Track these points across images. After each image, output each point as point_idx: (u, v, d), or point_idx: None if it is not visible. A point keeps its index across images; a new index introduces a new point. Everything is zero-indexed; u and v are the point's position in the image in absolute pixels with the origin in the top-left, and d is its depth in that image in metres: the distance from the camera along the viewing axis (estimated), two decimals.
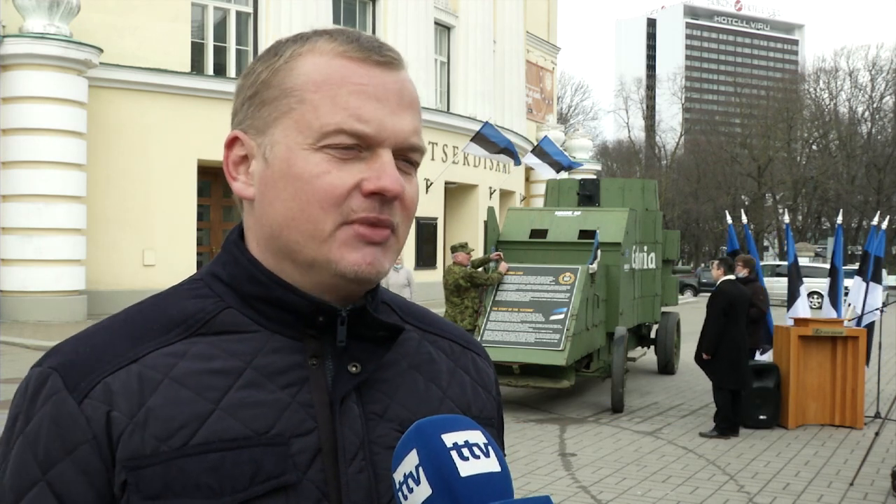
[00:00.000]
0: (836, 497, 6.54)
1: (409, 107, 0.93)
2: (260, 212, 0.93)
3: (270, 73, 0.92)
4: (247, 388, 0.88)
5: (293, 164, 0.89)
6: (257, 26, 21.26)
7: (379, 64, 0.91)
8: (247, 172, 0.94)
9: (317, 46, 0.92)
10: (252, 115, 0.93)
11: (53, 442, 0.85)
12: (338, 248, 0.89)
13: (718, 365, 8.52)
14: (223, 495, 0.84)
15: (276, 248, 0.93)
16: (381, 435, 0.92)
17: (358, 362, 0.93)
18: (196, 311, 0.92)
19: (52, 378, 0.87)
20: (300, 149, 0.89)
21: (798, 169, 61.08)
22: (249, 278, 0.94)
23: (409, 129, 0.91)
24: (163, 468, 0.84)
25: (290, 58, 0.92)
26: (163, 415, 0.85)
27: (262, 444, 0.86)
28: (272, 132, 0.91)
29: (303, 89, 0.90)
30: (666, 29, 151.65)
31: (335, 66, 0.90)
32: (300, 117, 0.89)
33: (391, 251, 0.93)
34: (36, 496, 0.85)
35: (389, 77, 0.92)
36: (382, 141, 0.89)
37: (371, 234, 0.90)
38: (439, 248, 25.87)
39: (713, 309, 8.61)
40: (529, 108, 33.86)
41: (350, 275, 0.90)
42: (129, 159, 18.46)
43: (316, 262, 0.90)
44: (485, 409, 1.04)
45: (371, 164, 0.89)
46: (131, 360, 0.88)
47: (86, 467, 0.84)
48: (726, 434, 8.48)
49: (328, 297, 0.93)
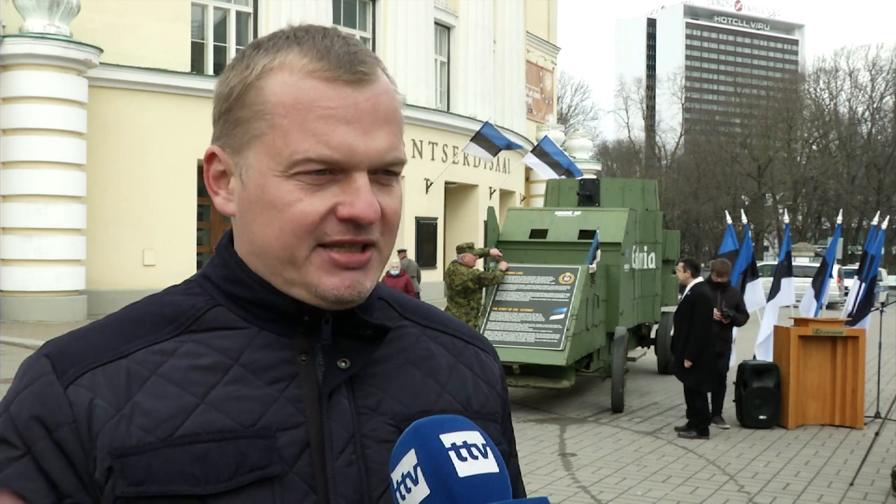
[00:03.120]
0: (836, 497, 6.54)
1: (385, 122, 0.90)
2: (241, 229, 0.95)
3: (243, 89, 0.91)
4: (234, 383, 0.90)
5: (266, 191, 0.89)
6: (257, 26, 21.27)
7: (350, 83, 0.89)
8: (227, 188, 0.95)
9: (287, 62, 0.89)
10: (228, 132, 0.93)
11: (35, 420, 0.87)
12: (315, 272, 0.90)
13: (698, 369, 8.51)
14: (207, 484, 0.85)
15: (259, 262, 0.94)
16: (374, 429, 0.92)
17: (347, 358, 0.94)
18: (187, 309, 0.94)
19: (42, 362, 0.90)
20: (272, 175, 0.89)
21: (798, 169, 61.09)
22: (237, 281, 0.95)
23: (383, 148, 0.90)
24: (148, 457, 0.85)
25: (262, 74, 0.90)
26: (149, 408, 0.87)
27: (247, 436, 0.88)
28: (246, 154, 0.91)
29: (273, 113, 0.89)
30: (666, 29, 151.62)
31: (304, 88, 0.88)
32: (271, 143, 0.89)
33: (373, 269, 0.93)
34: (22, 467, 0.86)
35: (361, 95, 0.89)
36: (355, 165, 0.88)
37: (346, 260, 0.90)
38: (439, 248, 25.88)
39: (699, 315, 8.48)
40: (529, 108, 33.86)
41: (330, 297, 0.91)
42: (129, 159, 18.46)
43: (295, 283, 0.91)
44: (487, 405, 1.04)
45: (345, 188, 0.89)
46: (121, 356, 0.90)
47: (64, 448, 0.86)
48: (705, 434, 8.49)
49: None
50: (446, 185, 26.22)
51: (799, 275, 16.41)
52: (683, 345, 8.56)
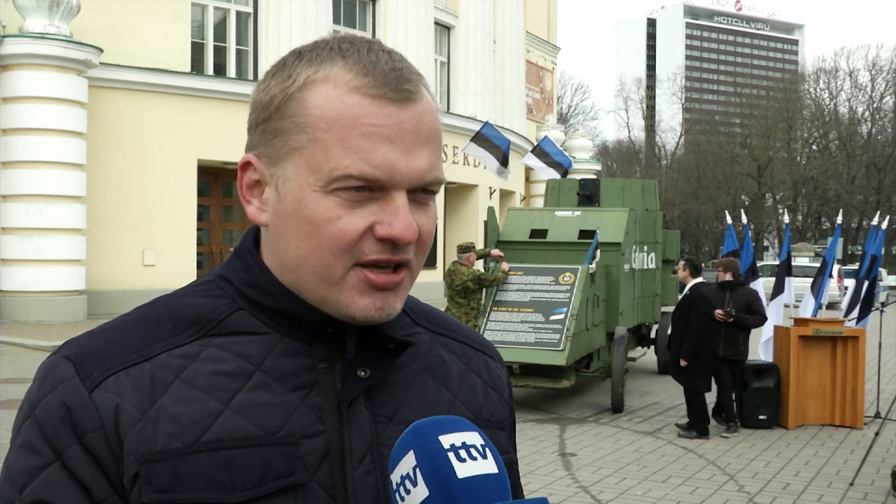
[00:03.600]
0: (836, 497, 6.54)
1: (427, 142, 0.90)
2: (274, 241, 0.93)
3: (284, 99, 0.89)
4: (256, 389, 0.89)
5: (304, 206, 0.88)
6: (257, 26, 21.26)
7: (395, 101, 0.88)
8: (260, 197, 0.93)
9: (331, 75, 0.88)
10: (265, 142, 0.91)
11: (63, 425, 0.86)
12: (348, 292, 0.89)
13: (695, 369, 8.50)
14: (234, 491, 0.85)
15: (289, 278, 0.93)
16: (391, 437, 0.92)
17: (367, 367, 0.93)
18: (208, 312, 0.93)
19: (63, 365, 0.88)
20: (311, 190, 0.87)
21: (798, 169, 61.08)
22: (260, 288, 0.94)
23: (424, 168, 0.89)
24: (174, 463, 0.85)
25: (304, 85, 0.88)
26: (174, 413, 0.86)
27: (272, 443, 0.87)
28: (284, 166, 0.89)
29: (314, 127, 0.87)
30: (666, 29, 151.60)
31: (349, 104, 0.87)
32: (311, 157, 0.87)
33: (404, 290, 0.93)
34: (52, 475, 0.85)
35: (406, 114, 0.88)
36: (395, 184, 0.87)
37: (382, 281, 0.89)
38: (439, 248, 25.88)
39: (697, 315, 8.47)
40: (529, 108, 33.85)
41: (360, 318, 0.90)
42: (129, 159, 18.45)
43: (326, 301, 0.91)
44: (496, 412, 1.04)
45: (384, 207, 0.88)
46: (144, 358, 0.89)
47: (95, 454, 0.85)
48: (705, 434, 8.49)
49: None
50: (446, 185, 26.22)
51: (799, 275, 16.43)
52: (680, 344, 8.57)
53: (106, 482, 0.85)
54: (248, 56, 21.23)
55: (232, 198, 21.93)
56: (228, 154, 19.17)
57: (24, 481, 0.86)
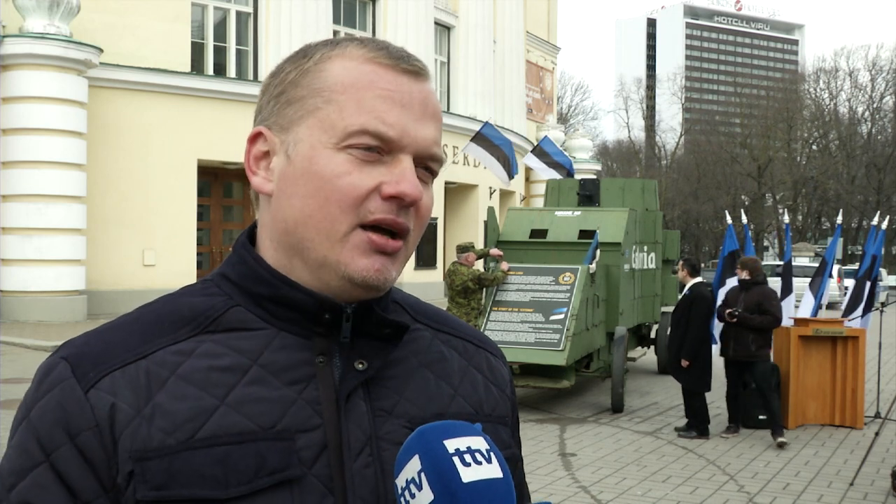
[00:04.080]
0: (836, 497, 6.54)
1: (433, 117, 0.94)
2: (276, 207, 0.95)
3: (299, 74, 0.94)
4: (252, 384, 0.90)
5: (315, 162, 0.91)
6: (257, 26, 21.26)
7: (407, 72, 0.93)
8: (267, 168, 0.96)
9: (347, 51, 0.94)
10: (277, 112, 0.95)
11: (57, 426, 0.87)
12: (349, 251, 0.91)
13: (695, 370, 8.50)
14: (229, 487, 0.85)
15: (288, 245, 0.94)
16: (390, 431, 0.92)
17: (364, 359, 0.94)
18: (205, 309, 0.94)
19: (61, 366, 0.90)
20: (323, 147, 0.91)
21: (798, 169, 61.07)
22: (256, 278, 0.95)
23: (431, 138, 0.93)
24: (169, 460, 0.85)
25: (321, 60, 0.94)
26: (169, 409, 0.87)
27: (267, 438, 0.87)
28: (296, 130, 0.93)
29: (331, 90, 0.92)
30: (666, 29, 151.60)
31: (364, 71, 0.92)
32: (325, 117, 0.91)
33: (399, 260, 0.94)
34: (40, 476, 0.86)
35: (416, 86, 0.93)
36: (404, 146, 0.91)
37: (383, 244, 0.91)
38: (439, 247, 25.87)
39: (696, 315, 8.47)
40: (529, 108, 33.85)
41: (357, 279, 0.91)
42: (129, 159, 18.45)
43: (326, 262, 0.92)
44: (497, 408, 1.05)
45: (392, 169, 0.91)
46: (140, 356, 0.89)
47: (87, 453, 0.86)
48: (705, 434, 8.49)
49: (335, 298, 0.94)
50: (446, 185, 26.22)
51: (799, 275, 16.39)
52: (679, 344, 8.57)
53: (96, 483, 0.86)
54: (248, 56, 21.23)
55: (232, 198, 21.93)
56: (228, 154, 19.17)
57: (13, 481, 0.87)
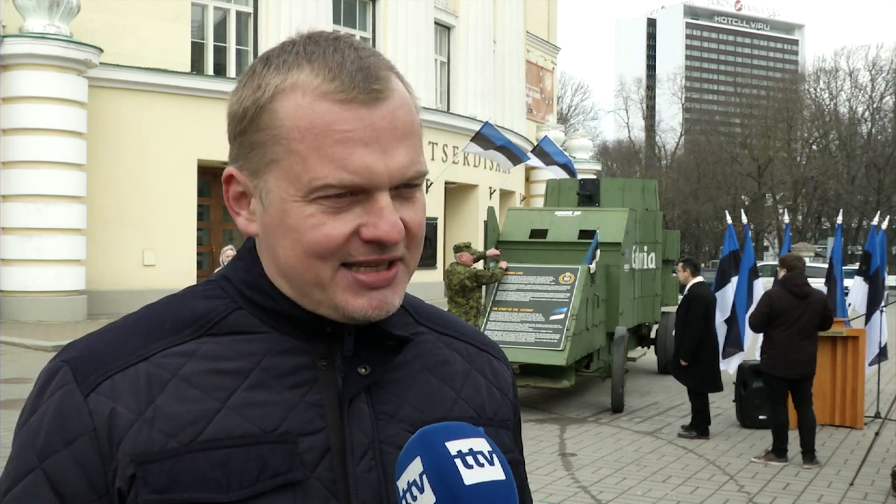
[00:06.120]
0: (836, 497, 6.54)
1: (403, 137, 0.89)
2: (265, 246, 0.94)
3: (256, 111, 0.89)
4: (254, 388, 0.89)
5: (288, 215, 0.88)
6: (257, 26, 21.26)
7: (365, 103, 0.86)
8: (248, 209, 0.94)
9: (299, 82, 0.87)
10: (244, 154, 0.92)
11: (54, 432, 0.86)
12: (341, 293, 0.89)
13: (698, 370, 8.50)
14: (230, 490, 0.85)
15: (286, 277, 0.93)
16: (392, 435, 0.92)
17: (367, 364, 0.93)
18: (207, 312, 0.93)
19: (62, 371, 0.89)
20: (293, 200, 0.87)
21: (798, 169, 61.04)
22: (259, 290, 0.94)
23: (404, 164, 0.88)
24: (171, 463, 0.85)
25: (274, 96, 0.88)
26: (171, 412, 0.86)
27: (269, 441, 0.87)
28: (265, 178, 0.89)
29: (288, 138, 0.87)
30: (666, 29, 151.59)
31: (319, 112, 0.86)
32: (289, 168, 0.87)
33: (400, 285, 0.93)
34: (31, 483, 0.86)
35: (378, 114, 0.87)
36: (376, 186, 0.87)
37: (372, 280, 0.89)
38: (439, 248, 25.87)
39: (693, 315, 8.49)
40: (529, 108, 33.85)
41: (359, 318, 0.90)
42: (129, 159, 18.45)
43: (323, 304, 0.91)
44: (500, 411, 1.04)
45: (368, 209, 0.88)
46: (141, 358, 0.89)
47: (81, 459, 0.85)
48: (705, 434, 8.49)
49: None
50: (446, 185, 26.21)
51: None
52: (679, 345, 8.58)
53: (88, 489, 0.85)
54: (248, 56, 21.23)
55: None
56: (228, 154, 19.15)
57: (8, 486, 0.87)
